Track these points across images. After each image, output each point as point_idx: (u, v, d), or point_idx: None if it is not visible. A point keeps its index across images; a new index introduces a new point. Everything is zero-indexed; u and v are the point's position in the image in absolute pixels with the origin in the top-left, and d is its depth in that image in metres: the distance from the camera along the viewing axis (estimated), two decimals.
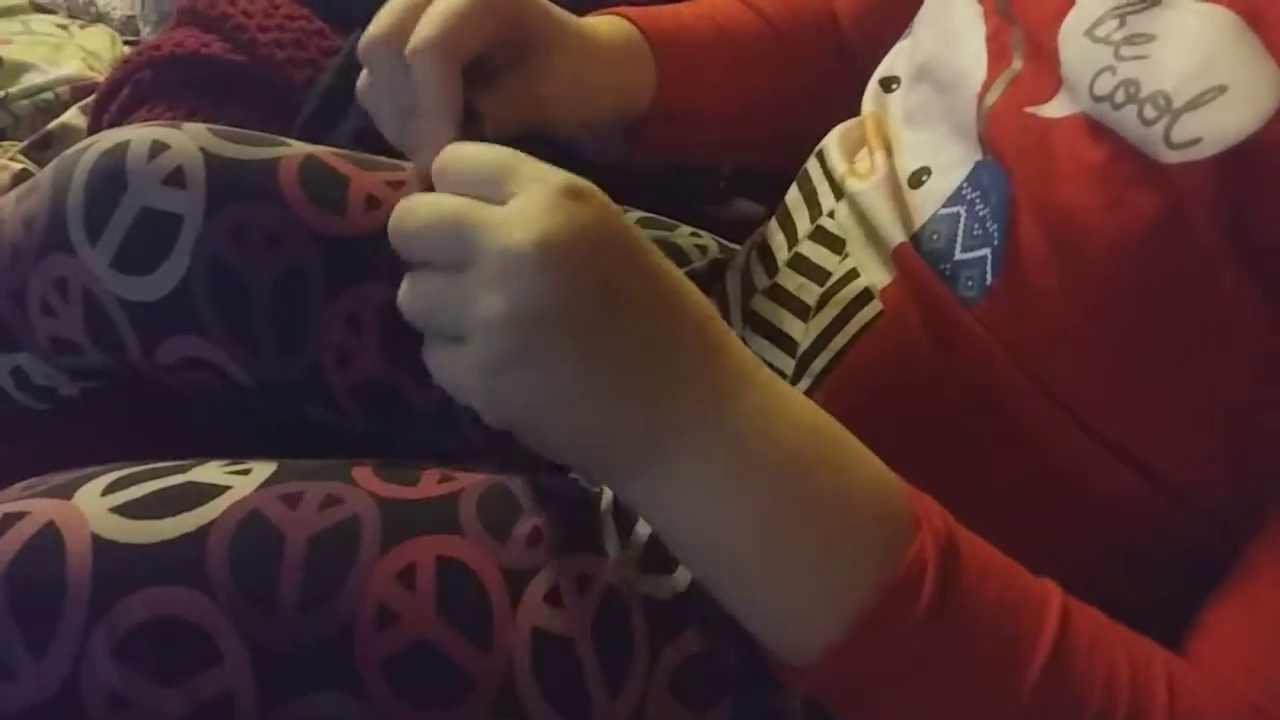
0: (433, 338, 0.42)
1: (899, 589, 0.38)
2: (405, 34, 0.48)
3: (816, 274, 0.53)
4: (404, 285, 0.42)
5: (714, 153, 0.66)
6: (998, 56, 0.51)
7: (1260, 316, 0.42)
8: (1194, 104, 0.42)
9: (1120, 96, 0.44)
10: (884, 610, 0.38)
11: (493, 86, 0.52)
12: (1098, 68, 0.45)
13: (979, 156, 0.50)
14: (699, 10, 0.65)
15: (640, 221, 0.74)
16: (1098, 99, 0.45)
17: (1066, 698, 0.39)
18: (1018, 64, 0.50)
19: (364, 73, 0.51)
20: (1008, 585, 0.40)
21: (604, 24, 0.60)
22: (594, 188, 0.39)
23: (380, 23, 0.49)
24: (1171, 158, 0.42)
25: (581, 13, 0.59)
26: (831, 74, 0.67)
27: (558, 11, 0.55)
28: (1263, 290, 0.42)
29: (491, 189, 0.39)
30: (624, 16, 0.61)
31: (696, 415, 0.39)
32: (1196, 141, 0.41)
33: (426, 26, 0.47)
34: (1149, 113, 0.43)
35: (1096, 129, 0.45)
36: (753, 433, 0.39)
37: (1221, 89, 0.42)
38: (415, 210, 0.41)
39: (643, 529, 0.52)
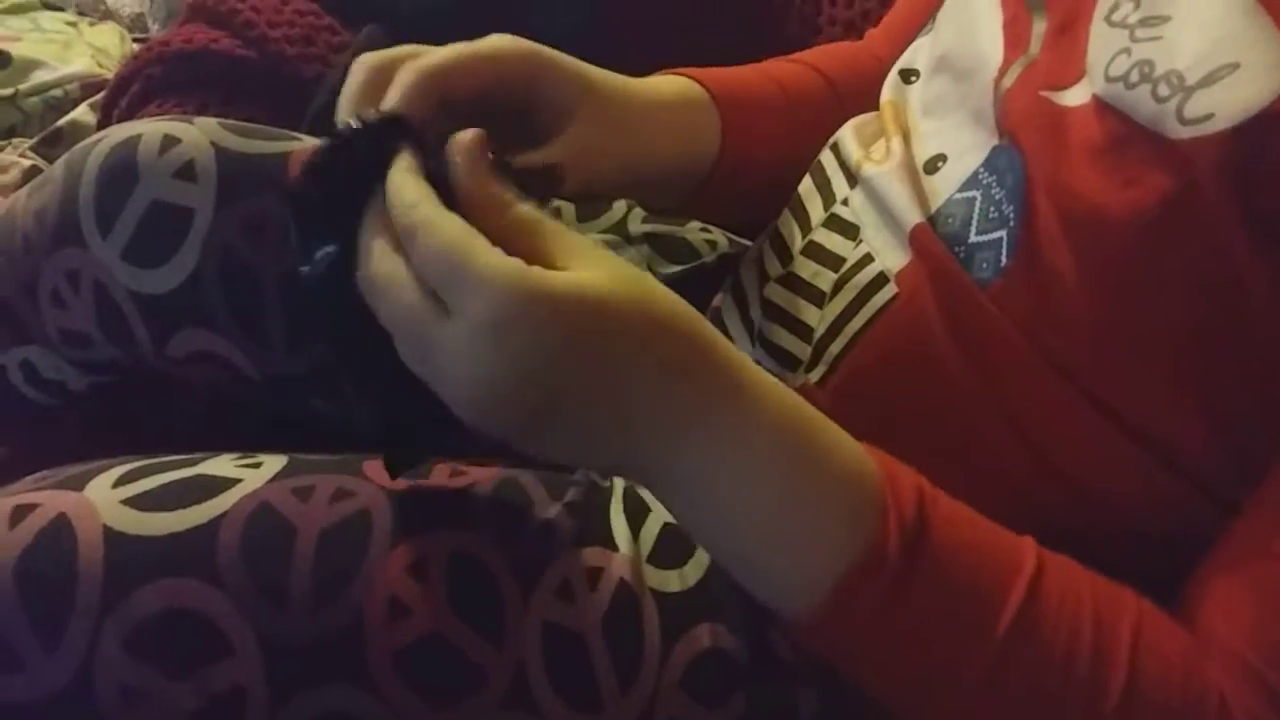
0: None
1: (866, 563, 0.42)
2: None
3: (831, 260, 0.53)
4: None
5: (767, 210, 0.65)
6: (1014, 43, 0.52)
7: (1274, 288, 0.42)
8: (1207, 81, 0.42)
9: (1135, 76, 0.44)
10: (854, 580, 0.42)
11: (532, 147, 0.52)
12: (1114, 51, 0.46)
13: (996, 141, 0.50)
14: (758, 70, 0.64)
15: (648, 217, 0.74)
16: (1111, 80, 0.45)
17: (1030, 652, 0.42)
18: (1035, 51, 0.50)
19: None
20: (980, 550, 0.43)
21: (662, 81, 0.59)
22: (533, 288, 0.39)
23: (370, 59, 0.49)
24: (1184, 134, 0.42)
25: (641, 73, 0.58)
26: None
27: (589, 72, 0.54)
28: (1278, 263, 0.42)
29: (439, 286, 0.40)
30: (684, 75, 0.60)
31: (686, 437, 0.42)
32: (1209, 117, 0.42)
33: (418, 56, 0.48)
34: (1162, 91, 0.43)
35: (1109, 112, 0.45)
36: (740, 439, 0.42)
37: (1234, 66, 0.42)
38: (379, 295, 0.41)
39: (653, 524, 0.51)
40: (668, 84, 0.59)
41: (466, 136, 0.41)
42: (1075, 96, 0.47)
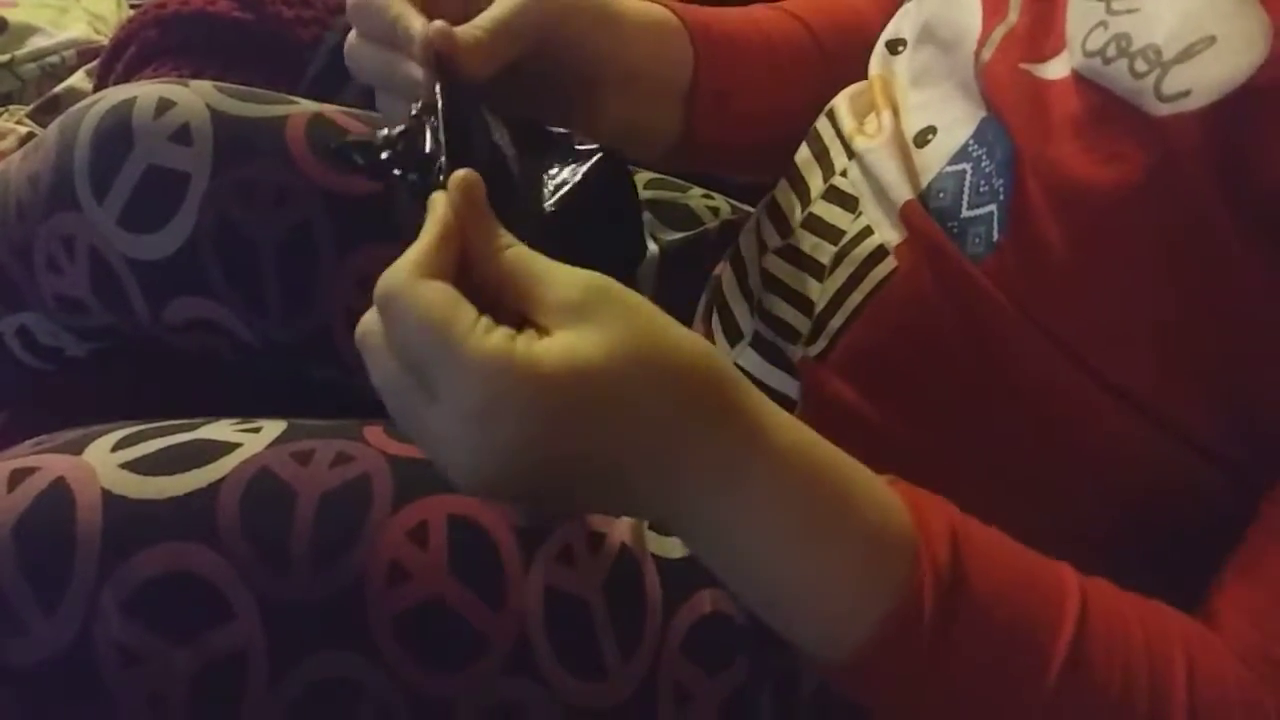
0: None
1: (899, 618, 0.39)
2: None
3: (830, 233, 0.53)
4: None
5: (753, 149, 0.62)
6: (993, 10, 0.51)
7: (1263, 263, 0.42)
8: (1184, 56, 0.42)
9: (1112, 51, 0.44)
10: (887, 638, 0.39)
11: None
12: (1091, 24, 0.45)
13: (984, 113, 0.50)
14: (739, 11, 0.63)
15: (651, 183, 0.73)
16: (1089, 54, 0.45)
17: (1086, 697, 0.40)
18: (1013, 16, 0.50)
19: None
20: (1022, 589, 0.41)
21: (639, 4, 0.57)
22: (520, 361, 0.36)
23: None
24: (1162, 110, 0.42)
25: None
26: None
27: None
28: (1265, 237, 0.42)
29: (421, 367, 0.37)
30: (661, 4, 0.58)
31: (705, 494, 0.39)
32: (1186, 94, 0.41)
33: None
34: (1140, 66, 0.43)
35: (1088, 86, 0.45)
36: (763, 498, 0.39)
37: (1211, 40, 0.42)
38: (366, 354, 0.39)
39: None
40: (645, 8, 0.57)
41: (461, 176, 0.39)
42: (1055, 70, 0.47)
